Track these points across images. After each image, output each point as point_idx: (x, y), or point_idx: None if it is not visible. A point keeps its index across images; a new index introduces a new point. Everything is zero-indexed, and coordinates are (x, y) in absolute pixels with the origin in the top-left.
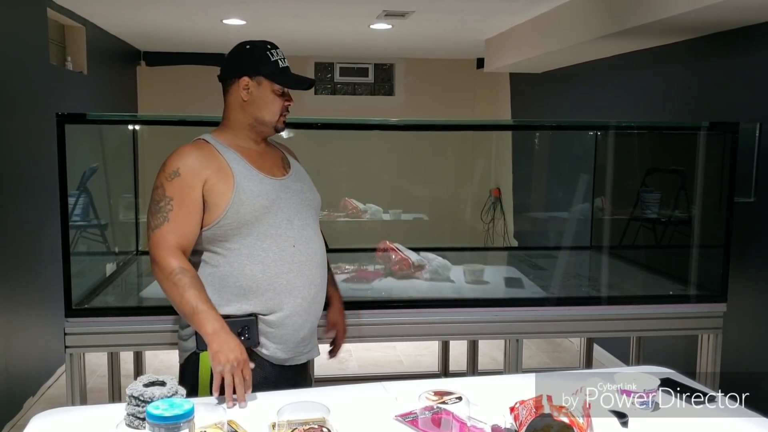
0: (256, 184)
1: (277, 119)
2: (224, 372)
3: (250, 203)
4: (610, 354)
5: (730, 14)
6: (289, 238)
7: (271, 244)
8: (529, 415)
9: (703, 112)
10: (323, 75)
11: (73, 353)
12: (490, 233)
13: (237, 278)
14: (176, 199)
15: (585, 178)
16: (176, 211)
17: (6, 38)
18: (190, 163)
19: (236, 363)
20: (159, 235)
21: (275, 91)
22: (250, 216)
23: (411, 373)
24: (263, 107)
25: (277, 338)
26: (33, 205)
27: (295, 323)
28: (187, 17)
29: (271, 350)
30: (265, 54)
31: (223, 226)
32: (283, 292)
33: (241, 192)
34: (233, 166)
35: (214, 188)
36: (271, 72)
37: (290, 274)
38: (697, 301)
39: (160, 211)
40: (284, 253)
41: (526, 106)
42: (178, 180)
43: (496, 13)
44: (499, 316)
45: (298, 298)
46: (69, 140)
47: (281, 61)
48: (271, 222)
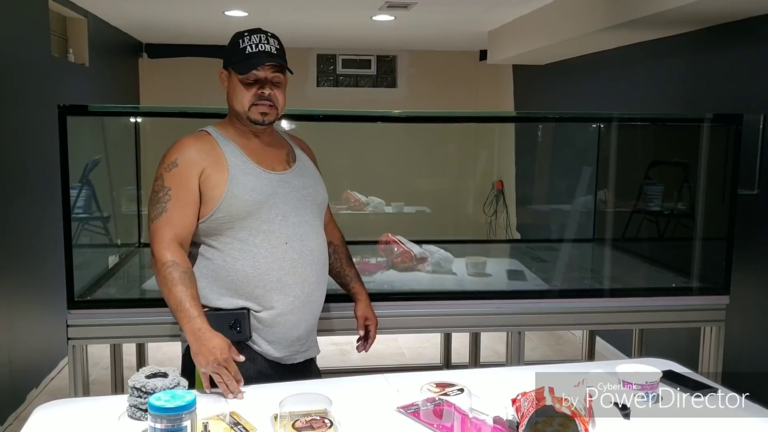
0: (251, 178)
1: (247, 109)
2: (208, 372)
3: (243, 197)
4: (613, 346)
5: (733, 5)
6: (281, 235)
7: (263, 240)
8: (531, 407)
9: (706, 104)
10: (325, 67)
11: (75, 345)
12: (493, 226)
13: (228, 272)
14: (174, 190)
15: (588, 170)
16: (174, 201)
17: (8, 30)
18: (188, 154)
19: (216, 363)
20: (157, 226)
21: (242, 80)
22: (243, 211)
23: (413, 365)
24: (233, 98)
25: (270, 336)
26: (35, 197)
27: (289, 322)
28: (188, 9)
29: (264, 347)
30: (236, 42)
31: (216, 219)
32: (273, 290)
33: (234, 186)
34: (230, 158)
35: (209, 180)
36: (235, 60)
37: (281, 271)
38: (700, 293)
39: (159, 202)
40: (276, 250)
41: (529, 98)
42: (176, 171)
43: (498, 4)
44: (502, 308)
45: (290, 296)
46: (71, 132)
47: (252, 46)
48: (264, 218)
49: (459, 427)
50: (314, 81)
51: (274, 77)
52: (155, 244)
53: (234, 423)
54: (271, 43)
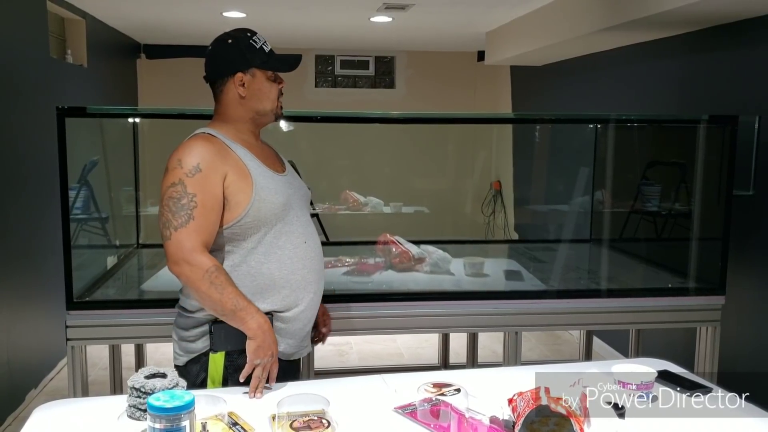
0: (270, 182)
1: (275, 105)
2: (261, 364)
3: (271, 201)
4: (610, 346)
5: (730, 7)
6: (300, 235)
7: (286, 241)
8: (527, 407)
9: (703, 105)
10: (324, 68)
11: (74, 346)
12: (491, 226)
13: (254, 277)
14: (200, 196)
15: (585, 171)
16: (200, 208)
17: (6, 31)
18: (209, 158)
19: (271, 357)
20: (185, 234)
21: (269, 78)
22: (271, 214)
23: (411, 365)
24: (262, 98)
25: (289, 334)
26: (34, 198)
27: (306, 317)
28: (187, 10)
29: (282, 347)
30: (249, 44)
31: (243, 224)
32: (299, 288)
33: (260, 190)
34: (247, 162)
35: (234, 185)
36: (261, 61)
37: (305, 270)
38: (696, 293)
39: (183, 209)
40: (298, 250)
41: (527, 99)
42: (200, 176)
43: (496, 5)
44: (499, 308)
45: (311, 293)
46: (69, 133)
47: (265, 45)
48: (287, 219)
49: (455, 427)
50: (312, 82)
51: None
52: (188, 253)
53: (232, 423)
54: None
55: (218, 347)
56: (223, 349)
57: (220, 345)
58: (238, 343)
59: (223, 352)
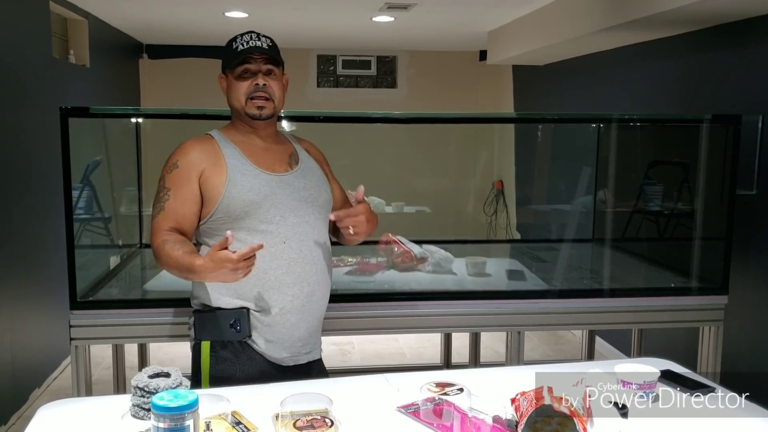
0: (249, 180)
1: (244, 104)
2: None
3: (241, 198)
4: (612, 346)
5: (733, 6)
6: (280, 235)
7: (261, 239)
8: (530, 407)
9: (705, 105)
10: (326, 68)
11: (78, 345)
12: (493, 226)
13: None
14: (173, 190)
15: (587, 170)
16: (171, 201)
17: (8, 31)
18: (189, 156)
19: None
20: (155, 224)
21: (237, 75)
22: (240, 211)
23: (413, 365)
24: (231, 96)
25: (270, 336)
26: (37, 198)
27: (288, 321)
28: (189, 10)
29: (263, 347)
30: (229, 45)
31: (215, 220)
32: (271, 289)
33: (232, 187)
34: (229, 161)
35: (209, 181)
36: (227, 59)
37: (279, 270)
38: (699, 293)
39: (159, 201)
40: (273, 249)
41: (529, 99)
42: (177, 172)
43: (498, 5)
44: (501, 308)
45: (288, 296)
46: (72, 133)
47: (243, 44)
48: (262, 218)
49: (458, 427)
50: (314, 82)
51: (266, 69)
52: (152, 236)
53: (236, 422)
54: (262, 40)
55: (200, 335)
56: (202, 338)
57: (201, 333)
58: (216, 334)
59: (208, 342)
